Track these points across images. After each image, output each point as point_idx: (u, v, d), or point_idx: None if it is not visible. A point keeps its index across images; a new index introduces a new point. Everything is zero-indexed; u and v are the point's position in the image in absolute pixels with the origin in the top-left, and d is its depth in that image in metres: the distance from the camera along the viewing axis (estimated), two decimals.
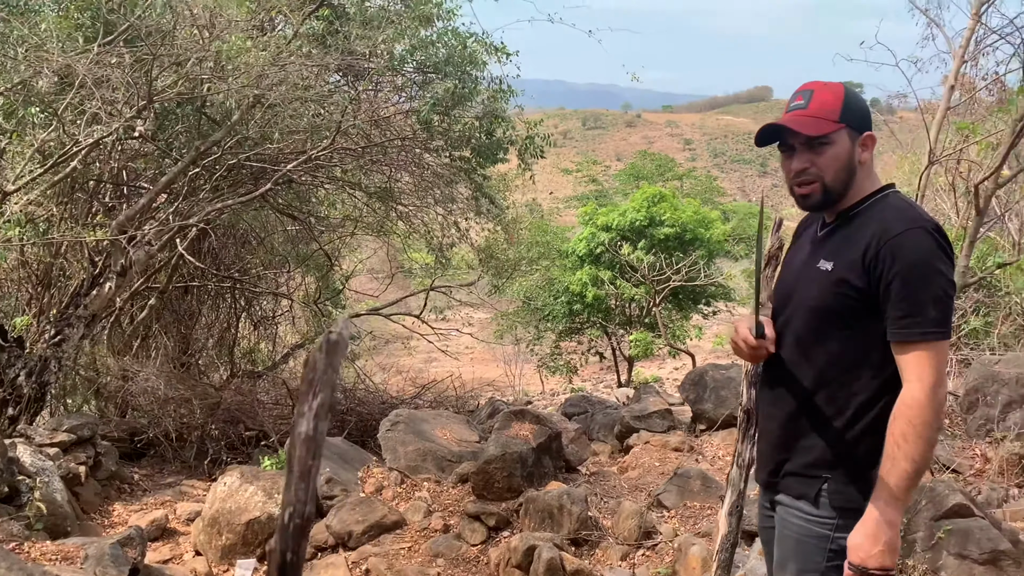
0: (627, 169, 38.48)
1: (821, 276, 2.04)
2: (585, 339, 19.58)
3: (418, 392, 10.75)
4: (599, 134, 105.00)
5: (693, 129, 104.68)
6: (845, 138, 2.04)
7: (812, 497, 2.04)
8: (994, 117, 7.44)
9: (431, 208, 9.96)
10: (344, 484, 6.07)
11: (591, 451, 7.63)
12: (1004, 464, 5.73)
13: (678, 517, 5.46)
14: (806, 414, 2.07)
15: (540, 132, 9.26)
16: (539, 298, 18.48)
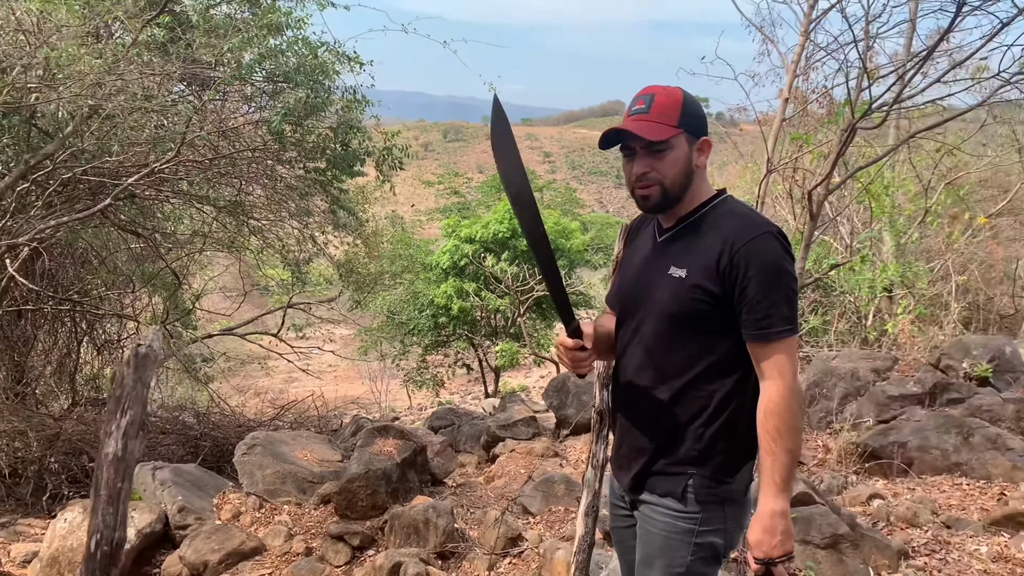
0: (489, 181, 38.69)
1: (675, 283, 2.08)
2: (452, 352, 19.54)
3: (277, 413, 10.37)
4: (460, 146, 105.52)
5: (551, 142, 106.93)
6: (683, 142, 2.09)
7: (678, 494, 2.09)
8: (824, 128, 7.92)
9: (286, 222, 9.65)
10: (198, 512, 5.75)
11: (457, 463, 7.58)
12: (843, 453, 6.09)
13: (543, 522, 5.48)
14: (666, 415, 2.11)
15: (398, 143, 9.14)
16: (404, 312, 18.30)
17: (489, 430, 8.26)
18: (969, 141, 11.57)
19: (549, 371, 18.47)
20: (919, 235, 10.52)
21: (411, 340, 18.97)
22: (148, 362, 1.06)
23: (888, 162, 9.95)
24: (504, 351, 15.94)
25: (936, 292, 10.95)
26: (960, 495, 5.50)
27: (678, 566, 2.09)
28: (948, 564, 4.38)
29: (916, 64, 5.53)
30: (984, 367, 7.21)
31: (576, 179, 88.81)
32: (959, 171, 10.93)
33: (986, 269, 12.91)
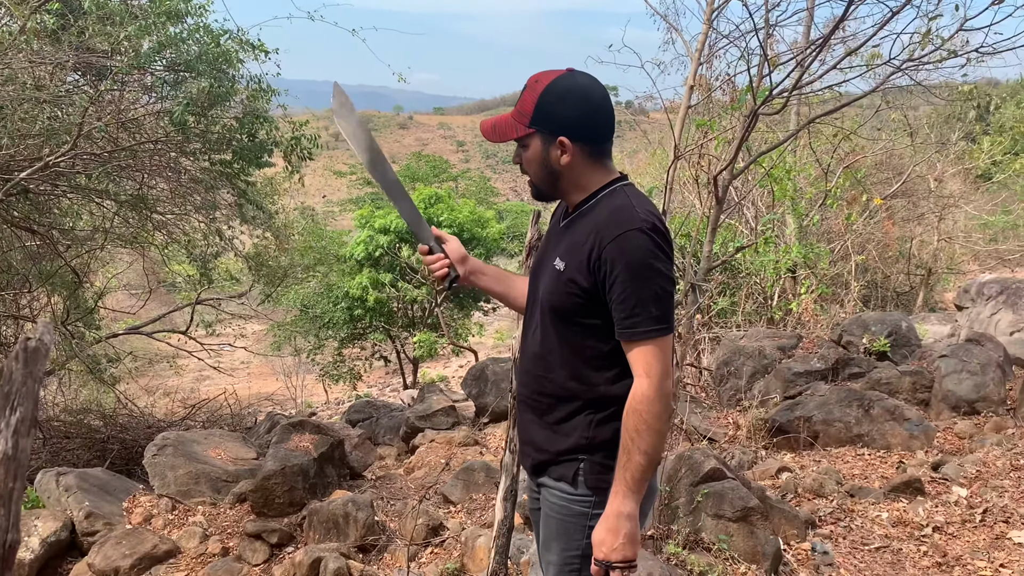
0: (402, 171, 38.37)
1: (555, 275, 2.07)
2: (368, 344, 19.32)
3: (188, 413, 10.08)
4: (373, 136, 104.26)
5: (465, 131, 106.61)
6: (537, 142, 2.04)
7: (570, 478, 2.09)
8: (728, 114, 8.13)
9: (191, 216, 9.36)
10: (107, 517, 5.55)
11: (376, 455, 7.52)
12: (752, 429, 6.30)
13: (464, 511, 5.49)
14: (556, 403, 2.12)
15: (307, 133, 8.97)
16: (318, 305, 17.97)
17: (408, 421, 8.22)
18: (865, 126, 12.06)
19: (468, 360, 18.48)
20: (820, 217, 10.92)
21: (326, 334, 18.64)
22: (38, 355, 1.01)
23: (789, 147, 10.30)
24: (422, 342, 15.87)
25: (837, 272, 11.40)
26: (862, 465, 5.76)
27: (574, 548, 2.09)
28: (852, 531, 4.58)
29: (813, 51, 5.73)
30: (882, 342, 7.55)
31: (490, 168, 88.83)
32: (856, 155, 11.38)
33: (883, 248, 13.52)
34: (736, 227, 11.11)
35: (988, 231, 16.65)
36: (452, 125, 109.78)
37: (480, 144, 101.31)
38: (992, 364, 6.73)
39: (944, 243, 15.26)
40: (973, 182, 17.00)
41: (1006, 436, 5.90)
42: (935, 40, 5.57)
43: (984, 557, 4.15)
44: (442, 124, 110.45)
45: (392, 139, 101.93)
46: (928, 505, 4.85)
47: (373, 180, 2.54)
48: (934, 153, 14.73)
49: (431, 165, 38.41)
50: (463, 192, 35.18)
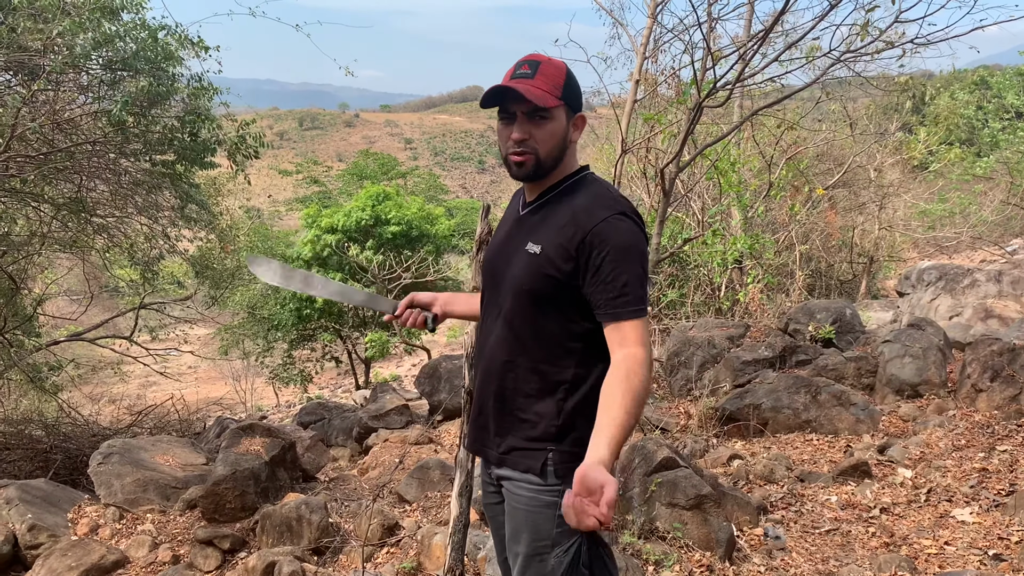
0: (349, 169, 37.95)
1: (530, 259, 2.06)
2: (319, 345, 19.10)
3: (135, 420, 9.85)
4: (318, 134, 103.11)
5: (412, 128, 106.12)
6: (563, 116, 2.08)
7: (538, 469, 2.07)
8: (674, 108, 8.21)
9: (133, 218, 9.14)
10: (51, 529, 5.39)
11: (329, 457, 7.44)
12: (703, 418, 6.37)
13: (420, 509, 5.46)
14: (523, 391, 2.10)
15: (251, 132, 8.82)
16: (265, 307, 17.69)
17: (361, 422, 8.15)
18: (806, 117, 12.29)
19: (421, 359, 18.40)
20: (764, 208, 11.11)
21: (275, 336, 18.37)
22: None
23: (733, 140, 10.44)
24: (373, 341, 15.74)
25: (782, 261, 11.60)
26: (811, 450, 5.87)
27: (544, 539, 2.08)
28: (803, 515, 4.67)
29: (755, 44, 5.80)
30: (828, 329, 7.71)
31: (439, 165, 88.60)
32: (798, 146, 11.59)
33: (826, 238, 13.79)
34: (683, 219, 11.23)
35: (926, 219, 17.11)
36: (399, 122, 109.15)
37: (428, 141, 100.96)
38: (933, 348, 6.92)
39: (885, 232, 15.63)
40: (911, 172, 17.43)
41: (948, 417, 6.06)
42: (872, 32, 5.69)
43: (929, 536, 4.26)
44: (389, 121, 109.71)
45: (338, 137, 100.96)
46: (875, 487, 4.96)
47: (320, 297, 2.74)
48: (873, 144, 15.07)
49: (379, 163, 38.06)
50: (412, 189, 34.96)
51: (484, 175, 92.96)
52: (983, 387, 6.08)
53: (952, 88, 27.08)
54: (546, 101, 2.02)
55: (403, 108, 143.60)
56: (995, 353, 6.14)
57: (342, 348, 18.94)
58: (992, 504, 4.55)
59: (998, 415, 5.82)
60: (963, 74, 32.77)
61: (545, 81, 2.05)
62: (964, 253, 19.48)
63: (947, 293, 10.67)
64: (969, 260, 18.13)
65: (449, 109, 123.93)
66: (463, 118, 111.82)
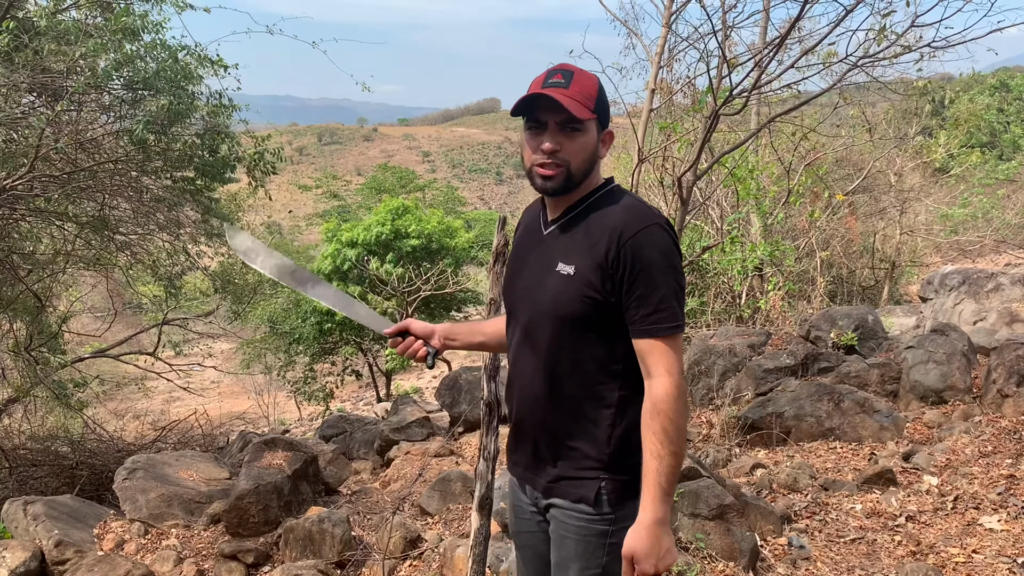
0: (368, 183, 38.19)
1: (563, 281, 1.98)
2: (340, 359, 19.18)
3: (159, 435, 9.93)
4: (337, 149, 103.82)
5: (430, 141, 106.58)
6: (594, 129, 2.00)
7: (591, 499, 2.01)
8: (690, 116, 8.20)
9: (155, 235, 9.24)
10: (78, 545, 5.44)
11: (351, 470, 7.46)
12: (725, 427, 6.34)
13: (442, 522, 5.47)
14: (569, 421, 2.04)
15: (270, 147, 8.90)
16: (286, 321, 17.80)
17: (382, 434, 8.17)
18: (824, 123, 12.22)
19: (442, 371, 18.41)
20: (784, 215, 11.04)
21: (296, 350, 18.47)
22: None
23: (751, 147, 10.41)
24: (394, 354, 15.78)
25: (803, 268, 11.53)
26: (835, 458, 5.82)
27: (594, 567, 2.02)
28: (827, 524, 4.63)
29: (771, 51, 5.79)
30: (850, 336, 7.65)
31: (457, 177, 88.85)
32: (817, 152, 11.52)
33: (847, 244, 13.69)
34: (702, 227, 11.20)
35: (948, 223, 16.95)
36: (417, 136, 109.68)
37: (446, 154, 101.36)
38: (957, 353, 6.84)
39: (906, 236, 15.50)
40: (932, 175, 17.29)
41: (973, 424, 5.99)
42: (889, 36, 5.65)
43: (957, 544, 4.20)
44: (407, 135, 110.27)
45: (357, 151, 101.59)
46: (901, 495, 4.91)
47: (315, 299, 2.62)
48: (893, 148, 14.96)
49: (397, 176, 38.28)
50: (430, 202, 35.11)
51: (502, 187, 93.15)
52: (1009, 392, 6.01)
53: (972, 91, 26.86)
54: (581, 112, 1.92)
55: (421, 121, 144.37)
56: (1020, 358, 6.06)
57: (363, 361, 19.00)
58: (1020, 511, 4.49)
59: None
60: (983, 77, 32.51)
61: (579, 92, 1.94)
62: (988, 257, 19.27)
63: (971, 298, 10.55)
64: (993, 264, 17.93)
65: (466, 122, 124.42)
66: (480, 130, 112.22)
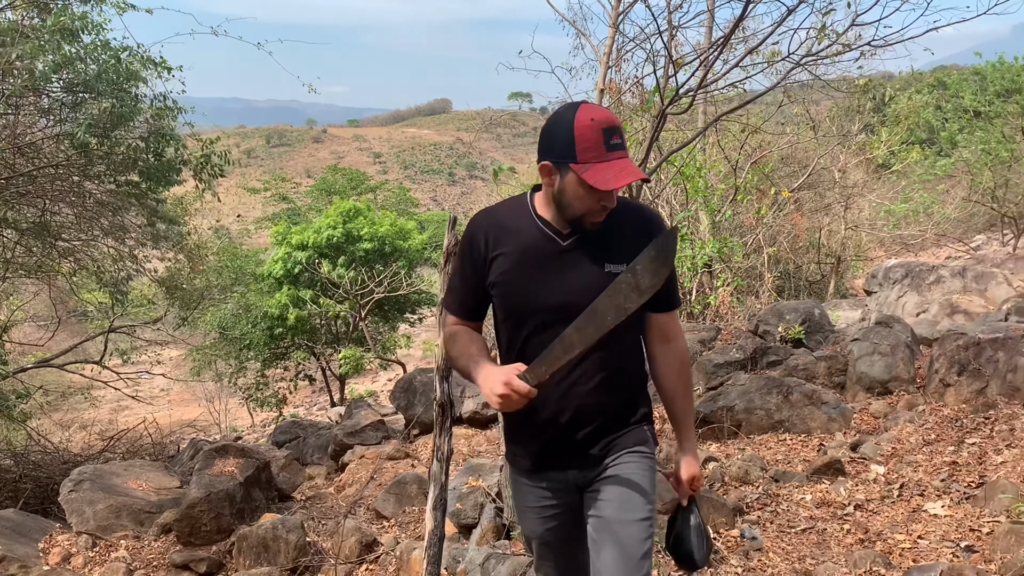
0: (318, 185, 37.72)
1: (615, 278, 2.22)
2: (292, 364, 18.94)
3: (106, 445, 9.72)
4: (285, 151, 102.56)
5: (381, 142, 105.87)
6: None
7: (647, 439, 2.38)
8: (639, 116, 8.28)
9: (99, 241, 9.04)
10: (22, 560, 5.30)
11: (305, 476, 7.39)
12: None
13: (398, 525, 5.45)
14: (626, 396, 2.36)
15: (217, 150, 8.77)
16: (236, 327, 17.51)
17: (336, 439, 8.10)
18: (769, 121, 12.44)
19: (396, 373, 18.29)
20: (732, 212, 11.21)
21: (247, 355, 18.18)
22: None
23: (698, 145, 10.55)
24: (347, 357, 15.63)
25: (751, 264, 11.72)
26: (785, 450, 5.92)
27: (652, 493, 2.34)
28: (779, 515, 4.71)
29: (715, 51, 5.88)
30: (797, 329, 7.79)
31: (409, 179, 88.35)
32: (763, 150, 11.73)
33: (793, 240, 13.95)
34: None
35: (891, 218, 17.36)
36: (367, 137, 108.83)
37: (397, 155, 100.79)
38: (901, 345, 7.01)
39: (851, 232, 15.84)
40: (874, 172, 17.68)
41: (917, 413, 6.14)
42: (830, 35, 5.78)
43: (903, 530, 4.31)
44: (357, 136, 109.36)
45: (307, 153, 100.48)
46: (849, 484, 5.02)
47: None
48: (836, 145, 15.28)
49: (348, 178, 37.88)
50: (382, 204, 34.85)
51: (455, 187, 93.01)
52: (951, 382, 6.18)
53: (911, 89, 27.56)
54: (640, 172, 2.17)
55: (371, 122, 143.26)
56: (961, 348, 6.24)
57: (316, 365, 18.80)
58: (963, 497, 4.62)
59: (966, 408, 5.91)
60: (921, 75, 33.39)
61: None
62: (929, 250, 19.82)
63: (913, 290, 10.83)
64: (934, 257, 18.44)
65: (417, 122, 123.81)
66: (432, 131, 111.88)
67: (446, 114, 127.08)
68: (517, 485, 2.48)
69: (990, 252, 17.34)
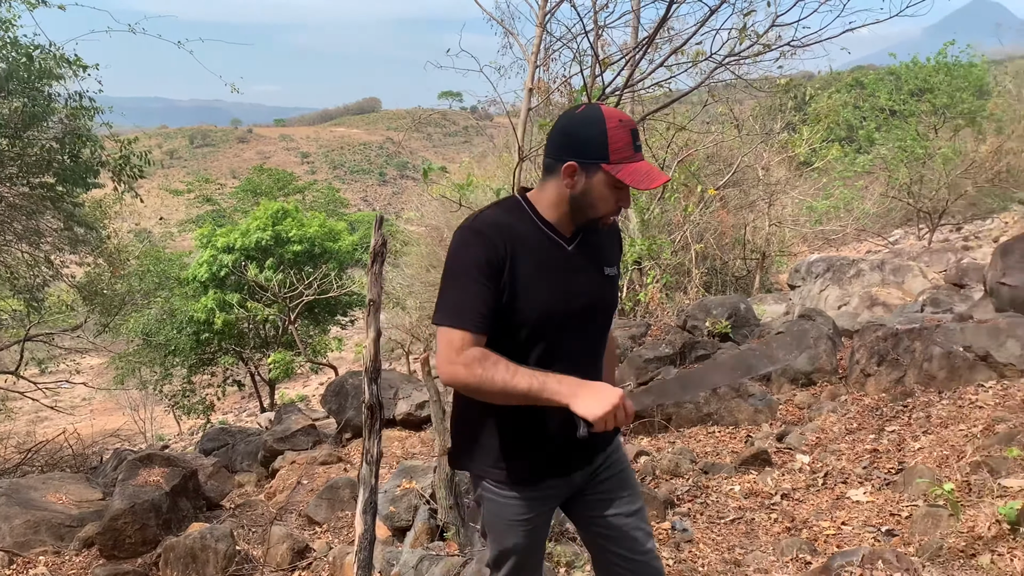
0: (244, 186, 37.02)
1: (613, 280, 2.33)
2: (220, 369, 18.52)
3: (24, 458, 9.34)
4: (210, 152, 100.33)
5: (308, 142, 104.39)
6: None
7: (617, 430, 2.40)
8: None
9: (13, 246, 8.68)
10: None
11: (234, 483, 7.23)
12: None
13: (331, 530, 5.37)
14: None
15: (136, 151, 8.50)
16: (161, 333, 17.04)
17: (266, 445, 7.95)
18: (695, 121, 12.66)
19: (328, 377, 18.04)
20: (660, 210, 11.37)
21: (173, 362, 17.70)
22: None
23: None
24: (277, 362, 15.36)
25: (679, 261, 11.90)
26: (714, 442, 6.03)
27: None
28: (708, 506, 4.79)
29: (640, 50, 5.95)
30: (724, 324, 7.95)
31: (338, 179, 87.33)
32: (689, 149, 11.93)
33: (719, 236, 14.22)
34: None
35: (813, 214, 17.86)
36: (295, 136, 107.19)
37: (326, 155, 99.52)
38: (823, 337, 7.22)
39: (775, 228, 16.22)
40: (796, 169, 18.17)
41: (840, 403, 6.33)
42: (751, 36, 5.91)
43: (827, 517, 4.43)
44: (284, 136, 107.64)
45: (232, 154, 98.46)
46: (776, 474, 5.14)
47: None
48: (760, 144, 15.64)
49: (274, 179, 37.28)
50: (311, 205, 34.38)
51: (385, 187, 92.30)
52: (871, 372, 6.38)
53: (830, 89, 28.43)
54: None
55: (298, 122, 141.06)
56: (880, 339, 6.45)
57: (244, 371, 18.42)
58: (883, 483, 4.77)
59: (886, 397, 6.11)
60: (840, 75, 34.48)
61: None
62: (851, 245, 20.46)
63: (835, 284, 11.18)
64: (855, 251, 19.05)
65: (346, 122, 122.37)
66: (361, 130, 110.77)
67: (376, 113, 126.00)
68: (497, 500, 2.32)
69: (907, 246, 18.02)
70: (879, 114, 25.48)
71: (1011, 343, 5.80)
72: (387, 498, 4.83)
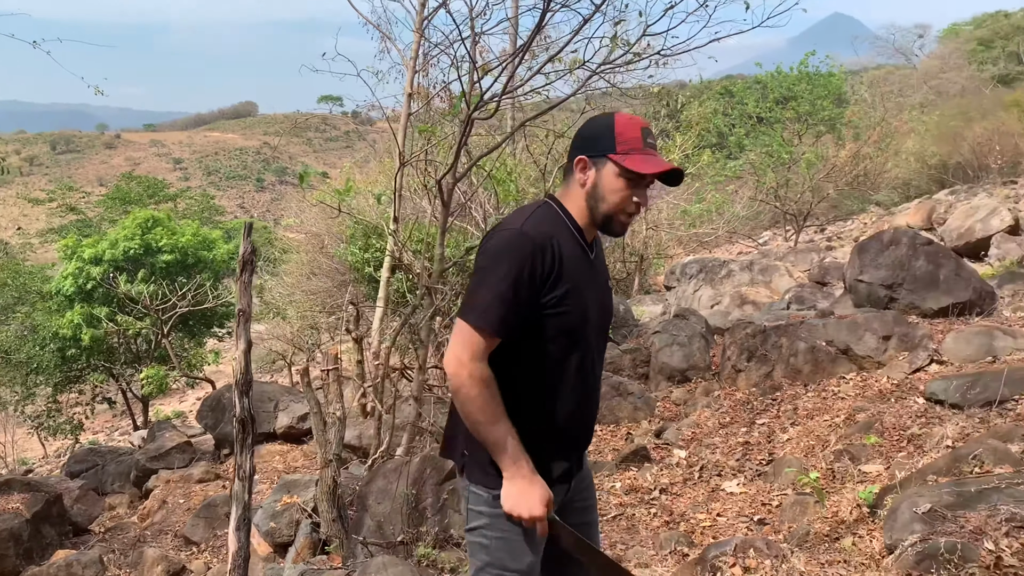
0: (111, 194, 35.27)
1: (611, 290, 2.43)
2: (88, 387, 17.54)
3: None
4: (74, 158, 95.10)
5: (181, 148, 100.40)
6: None
7: None
8: (448, 120, 8.34)
9: None
10: None
11: (104, 506, 6.88)
12: None
13: (209, 549, 5.19)
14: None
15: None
16: (22, 350, 16.02)
17: (138, 464, 7.61)
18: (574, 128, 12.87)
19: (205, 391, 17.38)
20: None
21: (36, 380, 16.66)
22: None
23: (509, 150, 10.77)
24: (150, 377, 14.67)
25: None
26: (596, 440, 6.16)
27: None
28: None
29: (518, 57, 6.03)
30: None
31: (213, 185, 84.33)
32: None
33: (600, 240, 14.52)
34: (467, 229, 11.41)
35: (687, 218, 18.51)
36: (166, 142, 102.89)
37: (200, 160, 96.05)
38: (697, 335, 7.49)
39: (652, 231, 16.72)
40: None
41: (713, 398, 6.59)
42: (622, 45, 6.07)
43: (703, 509, 4.60)
44: (155, 141, 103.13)
45: (98, 160, 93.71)
46: (655, 470, 5.30)
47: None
48: None
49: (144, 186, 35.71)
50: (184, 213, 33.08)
51: (263, 194, 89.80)
52: (741, 367, 6.66)
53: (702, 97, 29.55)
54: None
55: (170, 127, 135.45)
56: (749, 335, 6.74)
57: (115, 388, 17.53)
58: (755, 474, 4.99)
59: (756, 392, 6.40)
60: (711, 84, 35.91)
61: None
62: (723, 247, 21.29)
63: (707, 284, 11.62)
64: (727, 253, 19.84)
65: (221, 126, 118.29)
66: (237, 135, 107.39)
67: (252, 117, 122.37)
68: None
69: (775, 247, 18.91)
70: (747, 121, 26.67)
71: (868, 337, 6.18)
72: (267, 514, 4.70)
